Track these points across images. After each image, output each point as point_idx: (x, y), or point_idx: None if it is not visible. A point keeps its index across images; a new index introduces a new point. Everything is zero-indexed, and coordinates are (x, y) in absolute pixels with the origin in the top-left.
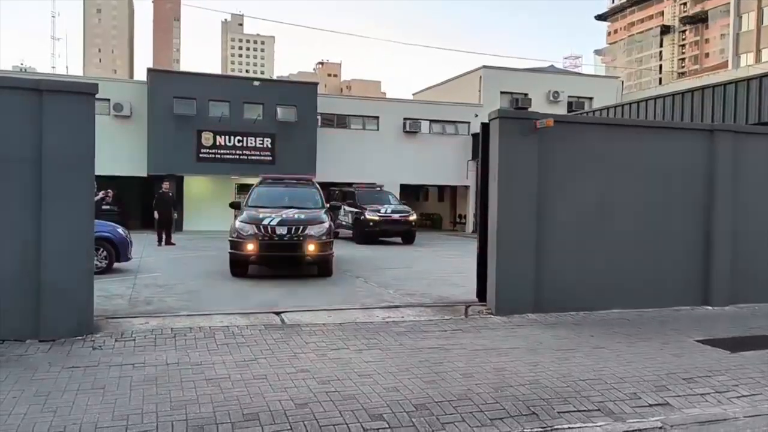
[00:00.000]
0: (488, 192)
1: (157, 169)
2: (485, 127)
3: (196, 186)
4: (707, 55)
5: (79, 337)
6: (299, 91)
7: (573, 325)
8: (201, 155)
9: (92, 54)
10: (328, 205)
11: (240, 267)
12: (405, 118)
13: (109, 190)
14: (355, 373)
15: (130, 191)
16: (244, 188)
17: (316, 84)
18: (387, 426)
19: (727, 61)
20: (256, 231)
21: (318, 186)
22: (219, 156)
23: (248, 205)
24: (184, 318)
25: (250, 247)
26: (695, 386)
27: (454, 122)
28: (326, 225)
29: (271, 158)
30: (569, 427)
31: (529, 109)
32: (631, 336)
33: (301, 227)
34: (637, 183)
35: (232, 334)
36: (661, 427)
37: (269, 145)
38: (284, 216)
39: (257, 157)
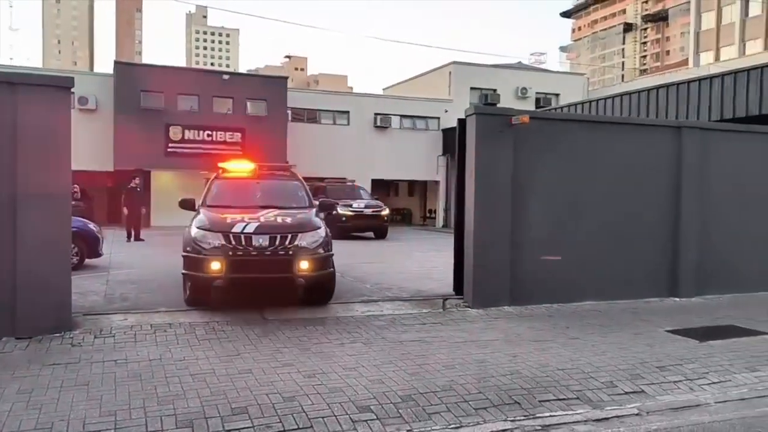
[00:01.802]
0: (464, 187)
1: (123, 164)
2: (461, 122)
3: (164, 181)
4: (668, 52)
5: (57, 334)
6: (269, 85)
7: (548, 317)
8: (169, 150)
9: (51, 45)
10: (317, 204)
11: (200, 293)
12: (376, 113)
13: (76, 185)
14: (340, 367)
15: (96, 186)
16: None
17: (286, 78)
18: (375, 417)
19: (688, 59)
20: (224, 242)
21: (301, 178)
22: (188, 150)
23: (207, 205)
24: (163, 314)
25: (215, 266)
26: (668, 374)
27: (424, 117)
28: (322, 232)
29: (241, 152)
30: (550, 415)
31: (498, 105)
32: (604, 327)
33: (289, 236)
34: (609, 178)
35: (213, 329)
36: (637, 414)
37: (239, 140)
38: (263, 220)
39: (227, 152)
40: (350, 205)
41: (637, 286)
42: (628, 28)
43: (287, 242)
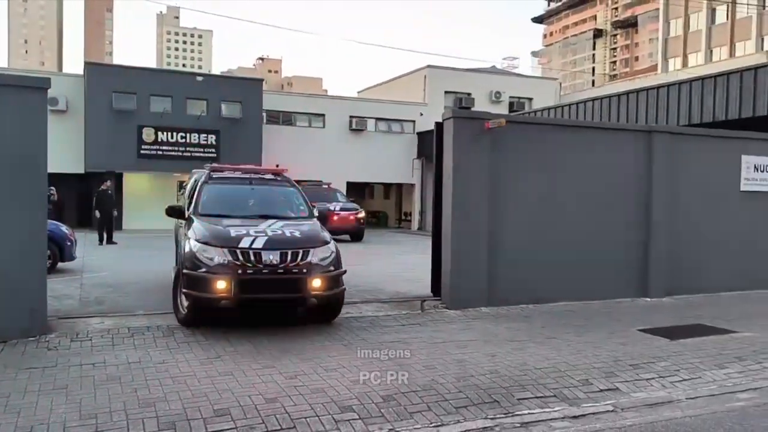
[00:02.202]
0: (442, 189)
1: (94, 166)
2: (439, 126)
3: (136, 183)
4: (637, 58)
5: (32, 338)
6: (244, 87)
7: (524, 318)
8: (142, 152)
9: (18, 45)
10: (316, 213)
11: (201, 314)
12: (351, 116)
13: (52, 188)
14: (321, 368)
15: (66, 188)
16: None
17: (261, 80)
18: (357, 417)
19: (657, 64)
20: (230, 259)
21: (295, 183)
22: (161, 153)
23: (200, 213)
24: (140, 317)
25: (221, 285)
26: (641, 372)
27: (399, 120)
28: (332, 247)
29: (215, 155)
30: (529, 413)
31: (473, 109)
32: (579, 327)
33: (301, 252)
34: (582, 181)
35: (192, 333)
36: (612, 410)
37: (213, 142)
38: (270, 233)
39: (201, 154)
40: (326, 208)
41: (609, 287)
42: (598, 34)
43: (299, 259)
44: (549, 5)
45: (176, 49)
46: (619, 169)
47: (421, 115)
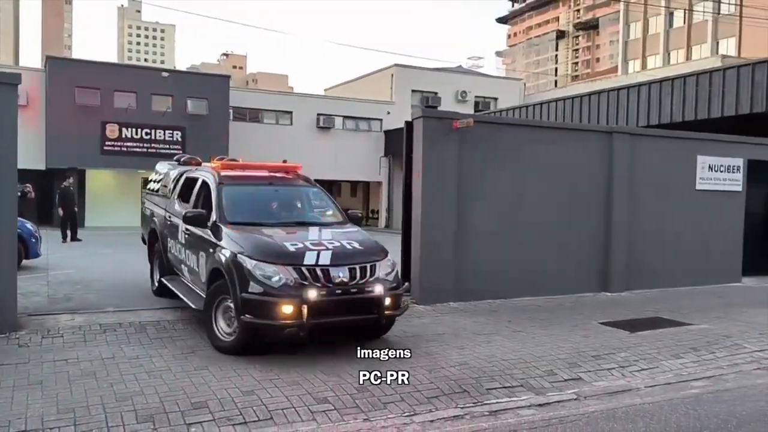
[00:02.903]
0: (412, 188)
1: (56, 162)
2: (409, 125)
3: (100, 180)
4: (598, 60)
5: (2, 335)
6: (210, 84)
7: (491, 312)
8: (105, 148)
9: None
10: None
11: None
12: (318, 114)
13: (28, 184)
14: (296, 361)
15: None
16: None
17: (228, 77)
18: (332, 407)
19: (617, 66)
20: (297, 278)
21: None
22: (125, 149)
23: (230, 221)
24: (111, 314)
25: (289, 310)
26: (602, 362)
27: (367, 119)
28: (390, 258)
29: (181, 152)
30: (497, 402)
31: (439, 108)
32: (543, 320)
33: (368, 266)
34: (547, 180)
35: (164, 328)
36: (576, 399)
37: (179, 139)
38: (329, 245)
39: (166, 151)
40: None
41: (572, 282)
42: (560, 35)
43: (368, 275)
44: (513, 6)
45: (138, 43)
46: (581, 169)
47: (388, 113)
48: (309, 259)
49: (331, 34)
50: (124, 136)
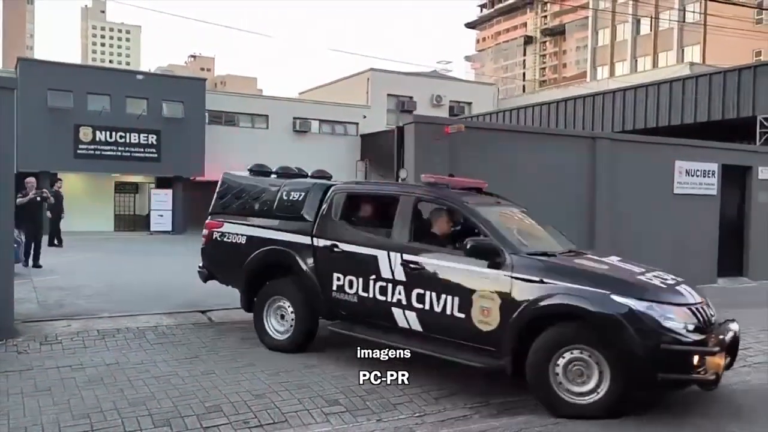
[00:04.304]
0: None
1: (27, 166)
2: (400, 130)
3: (72, 184)
4: (565, 65)
5: (0, 342)
6: (186, 87)
7: None
8: (79, 151)
9: None
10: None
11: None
12: (295, 117)
13: (45, 189)
14: (302, 365)
15: None
16: (125, 186)
17: (204, 80)
18: (345, 409)
19: (584, 71)
20: (696, 320)
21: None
22: (99, 152)
23: (525, 252)
24: (107, 319)
25: (718, 362)
26: None
27: (343, 122)
28: None
29: (156, 155)
30: (503, 401)
31: (414, 113)
32: None
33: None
34: (535, 183)
35: (163, 333)
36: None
37: (154, 142)
38: (668, 278)
39: (141, 154)
40: None
41: None
42: (528, 40)
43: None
44: (482, 11)
45: (102, 44)
46: (567, 172)
47: (365, 117)
48: (688, 296)
49: (301, 37)
50: (98, 139)
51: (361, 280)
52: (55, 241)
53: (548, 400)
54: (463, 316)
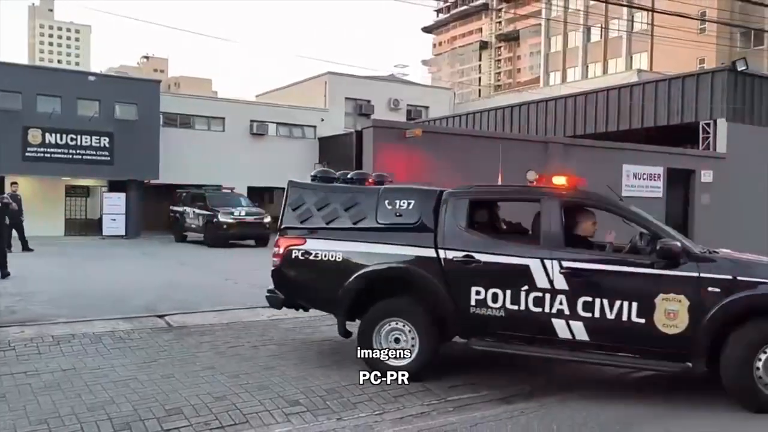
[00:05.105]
0: None
1: None
2: (359, 134)
3: (21, 188)
4: (519, 70)
5: None
6: (140, 88)
7: None
8: (27, 154)
9: None
10: None
11: None
12: (252, 120)
13: (5, 196)
14: (260, 366)
15: None
16: (76, 190)
17: (158, 81)
18: (305, 409)
19: (538, 77)
20: None
21: None
22: (49, 155)
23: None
24: (62, 325)
25: None
26: None
27: (301, 125)
28: None
29: (109, 158)
30: (458, 398)
31: (372, 116)
32: None
33: None
34: None
35: (120, 338)
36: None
37: (107, 144)
38: None
39: (93, 157)
40: (231, 213)
41: None
42: (484, 45)
43: None
44: (438, 16)
45: (51, 44)
46: (522, 175)
47: (323, 120)
48: None
49: (257, 40)
50: (47, 141)
51: (509, 292)
52: (30, 247)
53: (749, 396)
54: (643, 321)
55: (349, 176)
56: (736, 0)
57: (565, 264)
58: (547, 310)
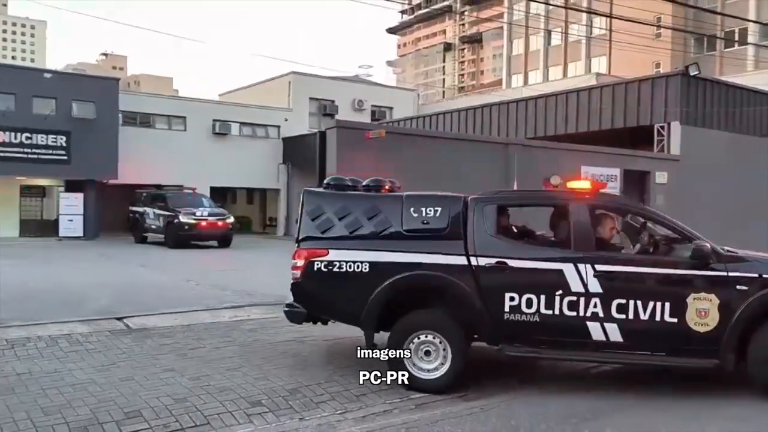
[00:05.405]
0: None
1: None
2: (322, 135)
3: None
4: (482, 72)
5: None
6: (98, 86)
7: None
8: None
9: None
10: None
11: None
12: (214, 120)
13: None
14: (222, 368)
15: None
16: (31, 190)
17: (117, 79)
18: (267, 410)
19: (500, 79)
20: None
21: None
22: (2, 154)
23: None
24: (16, 328)
25: None
26: None
27: (264, 125)
28: None
29: (66, 157)
30: (420, 396)
31: (336, 117)
32: None
33: None
34: (454, 186)
35: (78, 341)
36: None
37: (63, 144)
38: None
39: (49, 156)
40: (193, 214)
41: None
42: (447, 47)
43: None
44: (402, 17)
45: (4, 39)
46: (483, 174)
47: (286, 120)
48: None
49: (219, 39)
50: (1, 140)
51: (543, 297)
52: None
53: None
54: (675, 320)
55: (364, 183)
56: (690, 7)
57: (599, 267)
58: (581, 313)
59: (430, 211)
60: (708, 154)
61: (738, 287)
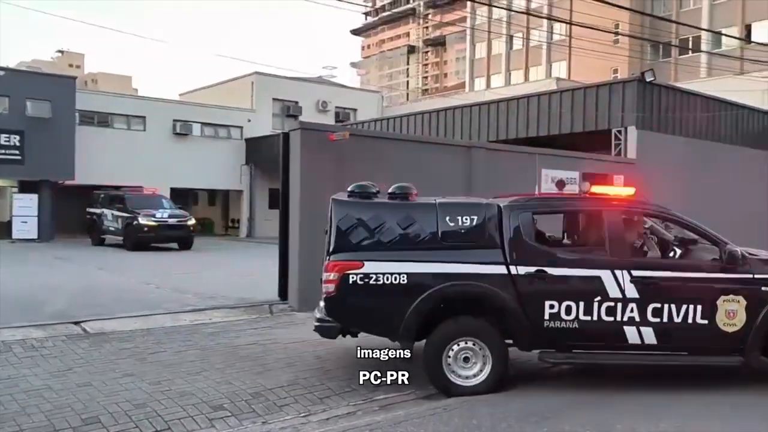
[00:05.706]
0: (289, 198)
1: None
2: (285, 136)
3: None
4: (446, 75)
5: None
6: (54, 85)
7: None
8: None
9: None
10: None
11: None
12: (175, 120)
13: None
14: (184, 372)
15: None
16: None
17: (74, 78)
18: (230, 414)
19: (464, 82)
20: None
21: None
22: None
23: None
24: None
25: None
26: None
27: (226, 126)
28: None
29: (19, 157)
30: (384, 397)
31: (300, 118)
32: None
33: None
34: (419, 188)
35: (32, 347)
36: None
37: (17, 143)
38: None
39: (2, 156)
40: (153, 215)
41: None
42: (411, 50)
43: None
44: (366, 19)
45: None
46: (446, 178)
47: (249, 121)
48: None
49: (178, 37)
50: None
51: (582, 303)
52: None
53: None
54: (706, 322)
55: (390, 191)
56: (647, 15)
57: (635, 273)
58: (618, 318)
59: (466, 219)
60: (663, 158)
61: (764, 288)
